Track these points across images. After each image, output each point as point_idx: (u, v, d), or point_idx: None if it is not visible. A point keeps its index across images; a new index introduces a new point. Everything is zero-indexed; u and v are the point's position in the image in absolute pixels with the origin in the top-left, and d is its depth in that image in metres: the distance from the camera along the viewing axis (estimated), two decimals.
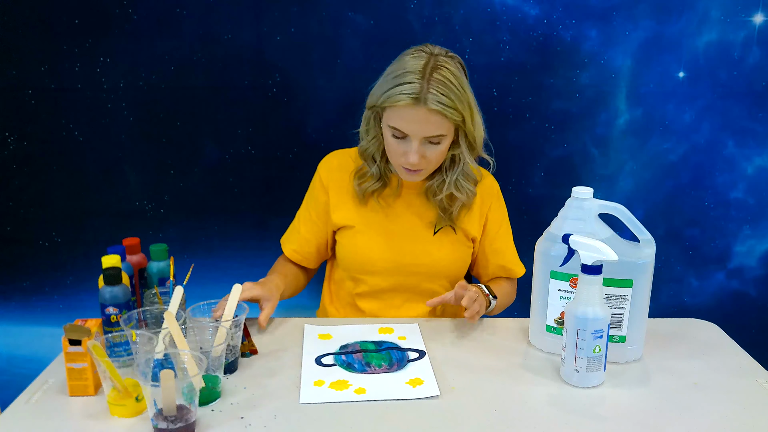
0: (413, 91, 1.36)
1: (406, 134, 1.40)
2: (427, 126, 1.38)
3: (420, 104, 1.36)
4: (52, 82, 1.98)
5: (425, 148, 1.41)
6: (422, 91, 1.36)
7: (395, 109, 1.39)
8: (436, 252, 1.57)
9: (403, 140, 1.41)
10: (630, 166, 2.11)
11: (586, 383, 1.22)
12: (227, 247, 2.16)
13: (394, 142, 1.43)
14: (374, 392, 1.19)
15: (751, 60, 2.00)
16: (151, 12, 1.94)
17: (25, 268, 2.14)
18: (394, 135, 1.42)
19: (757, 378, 1.27)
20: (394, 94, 1.37)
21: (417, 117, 1.38)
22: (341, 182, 1.59)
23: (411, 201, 1.58)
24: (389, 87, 1.39)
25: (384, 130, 1.45)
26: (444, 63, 1.40)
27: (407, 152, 1.41)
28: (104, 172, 2.07)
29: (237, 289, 1.29)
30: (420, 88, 1.36)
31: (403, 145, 1.42)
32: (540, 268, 1.34)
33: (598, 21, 1.97)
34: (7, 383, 2.18)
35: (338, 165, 1.61)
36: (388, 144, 1.45)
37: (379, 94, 1.42)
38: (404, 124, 1.39)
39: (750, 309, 2.23)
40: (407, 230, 1.58)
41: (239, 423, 1.09)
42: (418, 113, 1.37)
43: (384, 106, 1.40)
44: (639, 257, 1.28)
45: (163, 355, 1.14)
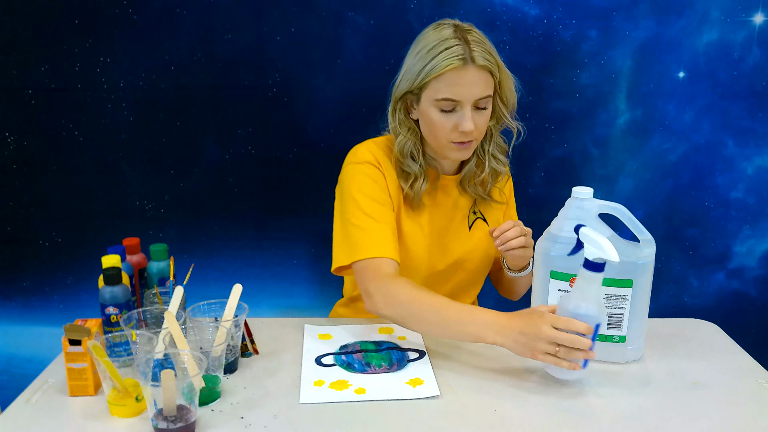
0: (459, 53, 1.34)
1: (457, 102, 1.37)
2: (477, 87, 1.37)
3: (468, 64, 1.35)
4: (52, 82, 1.98)
5: (474, 115, 1.39)
6: (466, 51, 1.35)
7: (443, 78, 1.36)
8: (474, 246, 1.58)
9: (452, 112, 1.39)
10: (630, 166, 2.11)
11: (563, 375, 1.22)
12: (227, 247, 2.16)
13: (442, 118, 1.40)
14: (374, 392, 1.19)
15: (751, 60, 1.99)
16: (151, 12, 1.94)
17: (25, 268, 2.14)
18: (442, 109, 1.39)
19: (757, 378, 1.27)
20: (439, 62, 1.35)
21: (468, 78, 1.36)
22: (393, 178, 1.51)
23: (448, 194, 1.56)
24: (429, 60, 1.36)
25: (426, 110, 1.41)
26: (469, 26, 1.42)
27: (460, 122, 1.38)
28: (104, 172, 2.07)
29: (237, 289, 1.29)
30: (464, 49, 1.35)
31: (453, 117, 1.39)
32: (540, 268, 1.34)
33: (598, 21, 1.97)
34: (7, 383, 2.17)
35: (383, 157, 1.51)
36: (435, 122, 1.41)
37: (416, 73, 1.39)
38: (456, 89, 1.36)
39: (750, 309, 2.23)
40: (449, 227, 1.57)
41: (239, 423, 1.09)
42: (468, 74, 1.36)
43: (427, 80, 1.37)
44: (639, 257, 1.28)
45: (163, 355, 1.14)
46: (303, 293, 2.21)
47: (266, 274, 2.19)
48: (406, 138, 1.47)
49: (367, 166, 1.49)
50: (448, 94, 1.37)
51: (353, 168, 1.50)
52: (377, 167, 1.49)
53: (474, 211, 1.58)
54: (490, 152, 1.52)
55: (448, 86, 1.37)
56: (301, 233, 2.16)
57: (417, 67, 1.39)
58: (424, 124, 1.45)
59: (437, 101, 1.38)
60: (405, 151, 1.48)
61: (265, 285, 2.19)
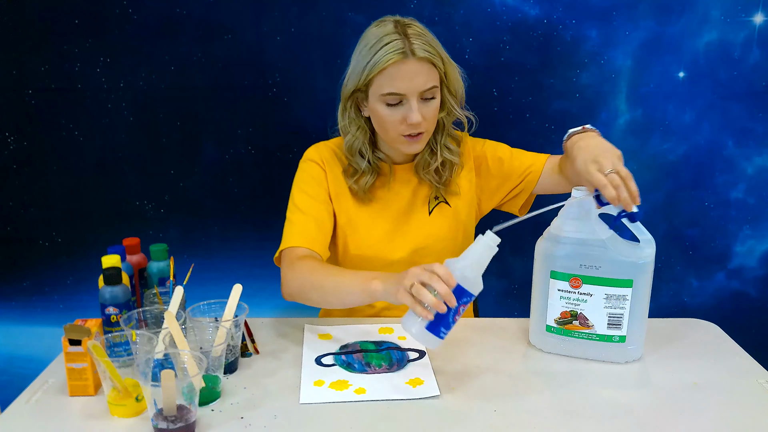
0: (399, 47, 1.36)
1: (402, 96, 1.39)
2: (419, 78, 1.39)
3: (408, 57, 1.37)
4: (52, 82, 1.98)
5: (421, 106, 1.41)
6: (405, 45, 1.37)
7: (385, 73, 1.38)
8: (436, 231, 1.58)
9: (399, 106, 1.41)
10: (630, 166, 2.09)
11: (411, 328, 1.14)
12: (227, 247, 2.16)
13: (389, 112, 1.42)
14: (374, 392, 1.19)
15: (751, 60, 1.99)
16: (151, 12, 1.94)
17: (25, 268, 2.14)
18: (388, 103, 1.41)
19: (757, 378, 1.27)
20: (380, 58, 1.37)
21: (409, 71, 1.38)
22: (335, 175, 1.57)
23: (405, 183, 1.58)
24: (371, 56, 1.39)
25: (374, 106, 1.43)
26: (410, 21, 1.44)
27: (407, 114, 1.40)
28: (104, 173, 2.07)
29: (237, 289, 1.29)
30: (403, 43, 1.37)
31: (400, 110, 1.41)
32: (540, 268, 1.34)
33: (598, 21, 1.97)
34: (7, 383, 2.18)
35: (329, 156, 1.58)
36: (382, 117, 1.43)
37: (359, 71, 1.41)
38: (398, 83, 1.38)
39: (750, 309, 2.23)
40: (408, 215, 1.58)
41: (239, 423, 1.09)
42: (409, 67, 1.37)
43: (371, 77, 1.40)
44: (639, 257, 1.28)
45: (163, 355, 1.14)
46: None
47: (266, 274, 2.18)
48: (354, 136, 1.51)
49: (309, 164, 1.57)
50: (392, 88, 1.39)
51: (300, 166, 1.59)
52: (319, 165, 1.56)
53: (436, 196, 1.59)
54: (442, 143, 1.54)
55: (391, 80, 1.38)
56: None
57: (360, 65, 1.42)
58: (374, 120, 1.47)
59: (383, 96, 1.40)
60: (354, 149, 1.52)
61: (266, 285, 2.19)
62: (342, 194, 1.56)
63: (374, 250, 1.56)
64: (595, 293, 1.28)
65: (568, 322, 1.32)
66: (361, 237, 1.57)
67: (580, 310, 1.30)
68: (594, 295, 1.28)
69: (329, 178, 1.55)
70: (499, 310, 2.18)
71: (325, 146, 1.60)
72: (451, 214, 1.59)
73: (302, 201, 1.53)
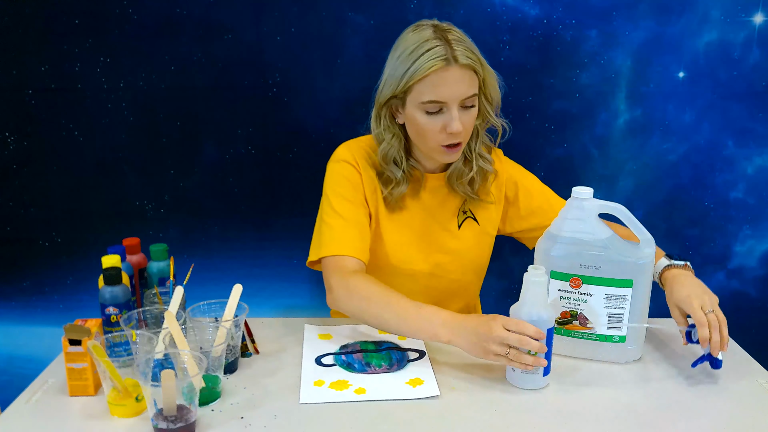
0: (441, 54, 1.33)
1: (442, 104, 1.36)
2: (462, 86, 1.35)
3: (451, 64, 1.33)
4: (52, 82, 1.98)
5: (461, 114, 1.37)
6: (448, 51, 1.33)
7: (427, 80, 1.34)
8: (463, 246, 1.56)
9: (438, 114, 1.37)
10: (630, 166, 2.11)
11: (522, 383, 1.22)
12: (227, 247, 2.16)
13: (428, 121, 1.38)
14: (374, 392, 1.19)
15: (751, 60, 1.99)
16: (151, 12, 1.94)
17: (25, 268, 2.14)
18: (427, 111, 1.37)
19: (757, 378, 1.27)
20: (421, 65, 1.33)
21: (452, 78, 1.34)
22: (369, 175, 1.52)
23: (435, 192, 1.55)
24: (411, 63, 1.35)
25: (412, 114, 1.40)
26: (449, 26, 1.40)
27: (448, 123, 1.36)
28: (104, 173, 2.07)
29: (238, 289, 1.29)
30: (445, 49, 1.33)
31: (440, 118, 1.37)
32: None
33: (598, 21, 1.97)
34: (7, 383, 2.18)
35: (362, 156, 1.52)
36: (421, 126, 1.39)
37: (398, 78, 1.37)
38: (440, 90, 1.34)
39: (750, 309, 2.23)
40: (435, 226, 1.55)
41: (239, 423, 1.09)
42: (452, 74, 1.34)
43: (411, 84, 1.35)
44: (639, 257, 1.28)
45: (163, 355, 1.14)
46: (303, 293, 2.21)
47: (266, 274, 2.19)
48: (389, 144, 1.47)
49: (344, 165, 1.50)
50: (433, 96, 1.35)
51: (331, 166, 1.53)
52: (354, 166, 1.50)
53: (464, 210, 1.57)
54: (477, 151, 1.51)
55: (433, 88, 1.35)
56: (301, 233, 2.15)
57: (399, 71, 1.37)
58: (411, 128, 1.43)
59: (423, 104, 1.37)
60: (388, 158, 1.48)
61: (266, 285, 2.19)
62: (377, 193, 1.52)
63: (396, 258, 1.53)
64: (595, 293, 1.28)
65: (568, 322, 1.32)
66: (385, 243, 1.53)
67: (580, 310, 1.30)
68: (594, 295, 1.29)
69: (364, 179, 1.50)
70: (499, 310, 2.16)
71: (357, 145, 1.55)
72: (479, 230, 1.58)
73: (340, 205, 1.47)
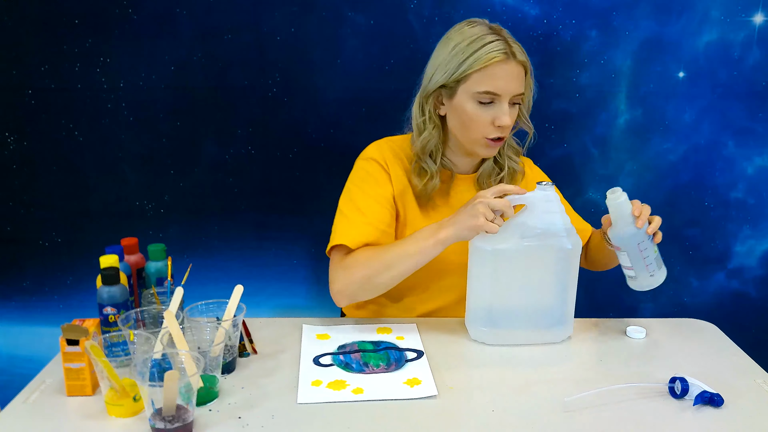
0: (501, 47, 1.36)
1: (496, 96, 1.38)
2: (516, 82, 1.39)
3: (510, 59, 1.37)
4: (52, 82, 1.98)
5: (509, 110, 1.40)
6: (506, 47, 1.37)
7: (486, 71, 1.37)
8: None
9: (489, 106, 1.39)
10: (630, 166, 2.11)
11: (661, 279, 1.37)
12: (227, 247, 2.16)
13: (479, 112, 1.40)
14: (372, 392, 1.19)
15: (751, 60, 1.99)
16: (151, 12, 1.94)
17: (25, 268, 2.14)
18: (480, 102, 1.39)
19: (755, 378, 1.27)
20: (482, 55, 1.36)
21: (509, 73, 1.38)
22: (397, 174, 1.51)
23: (463, 193, 1.55)
24: (471, 53, 1.37)
25: (461, 103, 1.41)
26: (500, 27, 1.43)
27: (498, 116, 1.39)
28: (104, 172, 2.07)
29: (239, 290, 1.28)
30: (504, 45, 1.37)
31: (490, 110, 1.40)
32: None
33: (598, 21, 1.97)
34: (7, 383, 2.18)
35: (391, 156, 1.52)
36: (471, 115, 1.40)
37: (454, 66, 1.39)
38: (498, 83, 1.37)
39: (750, 309, 2.23)
40: None
41: (237, 423, 1.09)
42: (510, 68, 1.38)
43: (468, 73, 1.37)
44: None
45: (161, 355, 1.14)
46: (303, 293, 2.21)
47: (266, 274, 2.19)
48: (431, 135, 1.47)
49: (371, 163, 1.51)
50: (490, 87, 1.38)
51: (359, 164, 1.54)
52: (383, 166, 1.50)
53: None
54: (506, 153, 1.54)
55: (490, 79, 1.37)
56: (301, 233, 2.16)
57: (455, 60, 1.39)
58: (457, 118, 1.44)
59: (478, 93, 1.39)
60: (427, 149, 1.49)
61: (265, 285, 2.20)
62: (405, 194, 1.51)
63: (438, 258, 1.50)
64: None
65: None
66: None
67: None
68: None
69: (393, 178, 1.50)
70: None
71: (387, 145, 1.55)
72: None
73: (362, 200, 1.47)
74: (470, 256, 1.35)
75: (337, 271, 1.42)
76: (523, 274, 1.32)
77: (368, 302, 1.63)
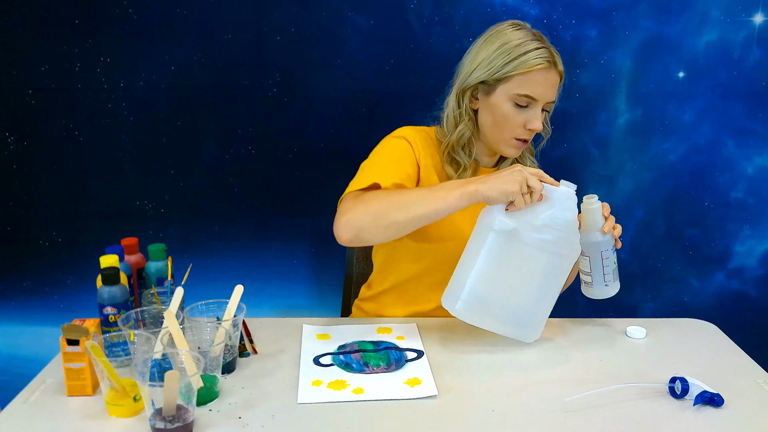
0: (546, 55, 1.39)
1: (533, 101, 1.41)
2: (552, 90, 1.43)
3: (552, 68, 1.41)
4: (52, 82, 1.98)
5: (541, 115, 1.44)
6: (550, 55, 1.41)
7: (529, 75, 1.39)
8: None
9: (524, 109, 1.42)
10: (630, 166, 2.11)
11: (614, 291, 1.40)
12: (227, 247, 2.16)
13: (514, 113, 1.42)
14: (372, 392, 1.18)
15: (751, 60, 1.99)
16: (151, 12, 1.94)
17: (25, 268, 2.14)
18: (517, 104, 1.42)
19: (755, 378, 1.27)
20: (528, 59, 1.38)
21: (549, 80, 1.41)
22: (426, 164, 1.51)
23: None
24: (517, 55, 1.39)
25: (498, 102, 1.43)
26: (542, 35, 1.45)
27: (530, 119, 1.42)
28: (104, 172, 2.07)
29: (239, 290, 1.28)
30: (549, 53, 1.40)
31: (524, 113, 1.43)
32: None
33: (598, 21, 1.97)
34: (7, 383, 2.18)
35: (423, 144, 1.51)
36: (505, 115, 1.43)
37: (499, 65, 1.40)
38: (538, 88, 1.40)
39: (750, 309, 2.23)
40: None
41: (237, 423, 1.09)
42: (550, 76, 1.41)
43: (512, 74, 1.40)
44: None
45: (161, 355, 1.14)
46: (303, 293, 2.21)
47: (266, 274, 2.19)
48: (466, 127, 1.49)
49: (402, 141, 1.50)
50: (529, 92, 1.40)
51: (387, 140, 1.52)
52: (412, 147, 1.49)
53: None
54: (526, 154, 1.58)
55: (531, 84, 1.40)
56: (301, 233, 2.16)
57: (500, 60, 1.41)
58: (490, 115, 1.46)
59: (516, 95, 1.41)
60: (462, 140, 1.50)
61: (265, 285, 2.20)
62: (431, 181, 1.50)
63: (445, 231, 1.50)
64: None
65: None
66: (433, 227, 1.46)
67: None
68: None
69: (421, 164, 1.49)
70: None
71: (420, 131, 1.54)
72: None
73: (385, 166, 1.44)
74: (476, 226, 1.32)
75: (349, 203, 1.36)
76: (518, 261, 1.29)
77: (369, 301, 1.63)
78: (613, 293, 1.41)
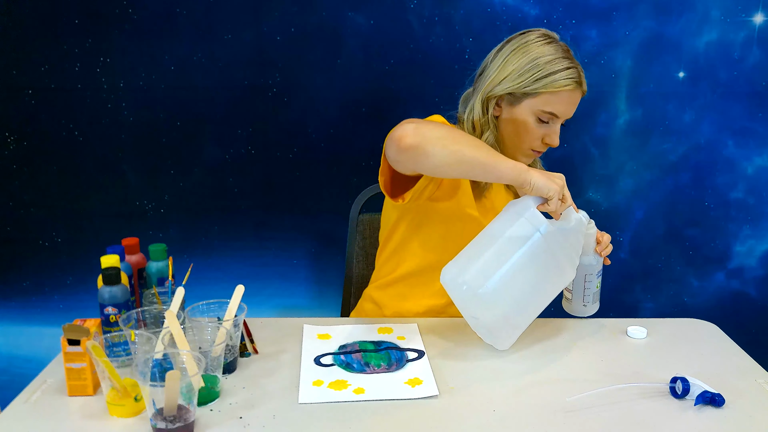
0: (575, 76, 1.41)
1: (555, 118, 1.43)
2: (574, 108, 1.45)
3: (578, 88, 1.43)
4: (52, 82, 1.98)
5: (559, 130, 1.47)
6: (579, 76, 1.42)
7: (558, 95, 1.41)
8: None
9: (545, 124, 1.44)
10: (630, 166, 2.11)
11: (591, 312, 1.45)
12: (227, 247, 2.16)
13: (535, 127, 1.44)
14: (373, 392, 1.18)
15: (751, 60, 2.00)
16: (151, 12, 1.94)
17: (25, 268, 2.14)
18: (540, 119, 1.43)
19: (756, 378, 1.27)
20: (559, 80, 1.40)
21: (573, 100, 1.44)
22: None
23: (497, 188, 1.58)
24: (548, 73, 1.40)
25: (521, 115, 1.44)
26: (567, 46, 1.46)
27: (549, 134, 1.45)
28: (104, 172, 2.07)
29: (240, 290, 1.28)
30: (577, 73, 1.42)
31: (544, 128, 1.45)
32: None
33: (598, 21, 1.97)
34: (7, 383, 2.18)
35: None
36: (526, 128, 1.45)
37: (529, 80, 1.41)
38: (562, 108, 1.42)
39: (750, 309, 2.23)
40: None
41: (238, 423, 1.09)
42: (575, 96, 1.43)
43: (541, 91, 1.41)
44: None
45: (162, 355, 1.14)
46: (303, 293, 2.21)
47: (266, 274, 2.19)
48: (492, 134, 1.50)
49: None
50: (554, 110, 1.42)
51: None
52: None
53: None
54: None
55: (558, 103, 1.42)
56: (301, 233, 2.16)
57: (531, 75, 1.41)
58: (512, 126, 1.47)
59: (541, 112, 1.43)
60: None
61: (266, 285, 2.20)
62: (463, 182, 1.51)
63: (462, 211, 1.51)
64: None
65: None
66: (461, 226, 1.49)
67: None
68: None
69: None
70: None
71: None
72: None
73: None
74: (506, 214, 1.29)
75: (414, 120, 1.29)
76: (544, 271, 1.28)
77: (371, 299, 1.63)
78: (591, 313, 1.46)
